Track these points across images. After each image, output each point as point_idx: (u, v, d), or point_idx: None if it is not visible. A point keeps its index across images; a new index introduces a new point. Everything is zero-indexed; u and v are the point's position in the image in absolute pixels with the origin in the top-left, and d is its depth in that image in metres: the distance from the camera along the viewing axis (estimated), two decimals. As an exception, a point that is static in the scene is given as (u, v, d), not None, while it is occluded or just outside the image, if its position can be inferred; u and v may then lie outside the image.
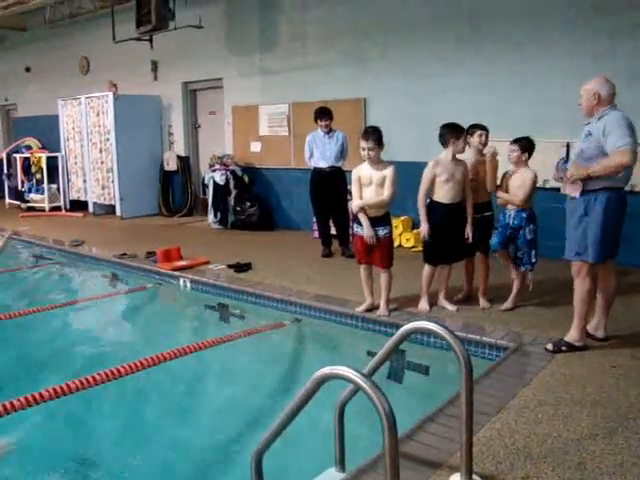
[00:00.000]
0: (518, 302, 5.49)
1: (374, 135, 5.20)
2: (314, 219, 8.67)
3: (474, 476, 2.82)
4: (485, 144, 5.50)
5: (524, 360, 4.33)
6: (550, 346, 4.47)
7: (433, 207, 5.40)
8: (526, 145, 5.31)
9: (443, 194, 5.32)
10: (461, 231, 5.42)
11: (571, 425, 3.37)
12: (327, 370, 2.34)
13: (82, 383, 4.32)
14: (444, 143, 5.32)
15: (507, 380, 4.01)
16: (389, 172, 5.22)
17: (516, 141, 5.34)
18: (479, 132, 5.46)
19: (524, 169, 5.32)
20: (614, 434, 3.26)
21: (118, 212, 11.94)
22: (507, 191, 5.39)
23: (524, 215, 5.33)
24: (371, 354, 4.63)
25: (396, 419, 2.13)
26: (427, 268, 5.50)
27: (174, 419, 4.13)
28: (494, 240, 5.45)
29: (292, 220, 10.19)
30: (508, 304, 5.44)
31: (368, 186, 5.28)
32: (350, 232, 7.83)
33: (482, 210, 5.53)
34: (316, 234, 8.69)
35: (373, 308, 5.46)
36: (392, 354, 2.92)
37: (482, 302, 5.54)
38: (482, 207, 5.53)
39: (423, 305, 5.48)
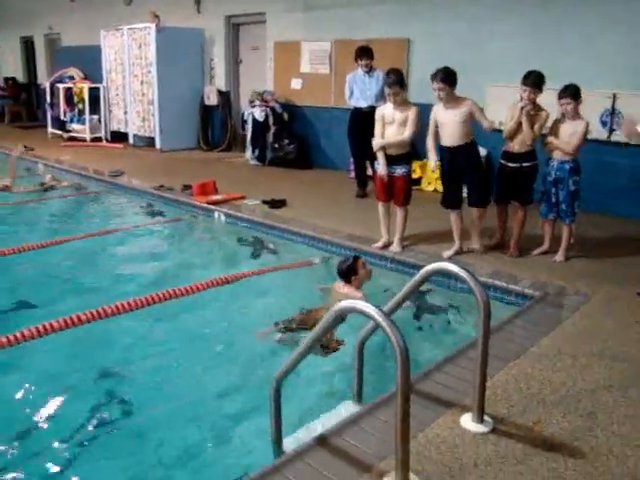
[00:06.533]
0: (568, 254, 5.45)
1: (396, 79, 5.36)
2: (351, 159, 8.67)
3: (485, 417, 2.90)
4: (530, 100, 5.29)
5: (548, 310, 4.37)
6: None
7: (440, 151, 5.52)
8: (576, 93, 5.21)
9: (445, 137, 5.41)
10: (470, 173, 5.47)
11: (587, 376, 3.41)
12: (346, 304, 2.43)
13: (117, 308, 4.53)
14: None
15: (529, 328, 4.05)
16: (412, 112, 5.40)
17: (565, 92, 5.22)
18: (523, 87, 5.34)
19: (577, 118, 5.25)
20: (629, 387, 3.29)
21: (158, 145, 12.07)
22: (550, 148, 5.36)
23: (567, 167, 5.29)
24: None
25: (409, 355, 2.21)
26: (451, 215, 5.57)
27: (201, 345, 4.28)
28: (543, 209, 5.54)
29: (329, 159, 10.19)
30: (560, 257, 5.40)
31: (390, 125, 5.48)
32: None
33: (518, 160, 5.46)
34: (352, 174, 8.69)
35: (389, 245, 5.70)
36: (412, 294, 2.98)
37: (511, 250, 5.55)
38: (518, 157, 5.46)
39: (448, 251, 5.54)
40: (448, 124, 5.34)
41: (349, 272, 4.74)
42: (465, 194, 5.65)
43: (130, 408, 3.51)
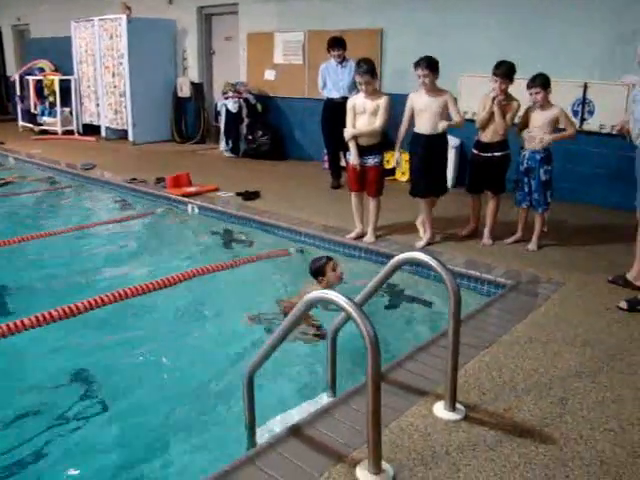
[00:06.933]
0: (541, 243, 5.50)
1: (367, 68, 5.37)
2: (325, 150, 8.67)
3: (457, 405, 2.93)
4: (502, 90, 5.35)
5: (521, 298, 4.41)
6: (624, 304, 4.18)
7: (414, 138, 5.55)
8: (545, 82, 5.23)
9: (422, 125, 5.44)
10: (439, 163, 5.54)
11: (558, 362, 3.46)
12: (317, 294, 2.44)
13: (90, 304, 4.49)
14: None
15: (501, 316, 4.10)
16: (383, 101, 5.41)
17: (534, 81, 5.25)
18: (494, 78, 5.37)
19: (548, 107, 5.28)
20: (599, 373, 3.35)
21: (130, 137, 11.96)
22: (527, 127, 5.39)
23: (538, 157, 5.33)
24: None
25: (379, 343, 2.22)
26: (422, 204, 5.61)
27: (175, 340, 4.26)
28: (517, 198, 5.58)
29: (304, 150, 10.19)
30: (533, 245, 5.45)
31: (361, 115, 5.48)
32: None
33: (490, 149, 5.51)
34: (327, 165, 8.71)
35: (362, 235, 5.71)
36: (383, 284, 2.99)
37: (485, 239, 5.60)
38: (490, 146, 5.51)
39: (420, 241, 5.59)
40: (426, 112, 5.37)
41: (317, 272, 4.73)
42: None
43: (104, 399, 3.51)
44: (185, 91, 11.91)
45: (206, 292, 5.09)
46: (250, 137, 10.25)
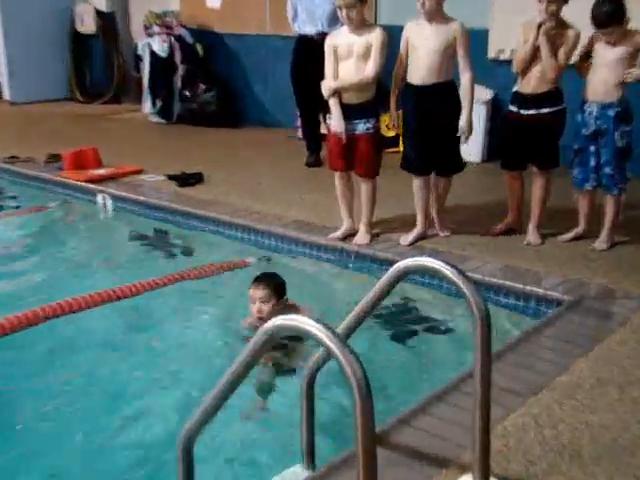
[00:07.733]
0: (614, 239, 5.56)
1: None
2: (298, 112, 8.71)
3: (492, 479, 2.94)
4: (551, 13, 5.25)
5: (585, 321, 4.45)
6: None
7: (405, 91, 5.64)
8: (619, 13, 5.11)
9: (413, 71, 5.50)
10: (444, 126, 5.57)
11: (642, 415, 3.49)
12: (279, 321, 2.44)
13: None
14: None
15: (557, 348, 4.13)
16: (376, 37, 5.37)
17: (601, 13, 5.10)
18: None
19: (625, 38, 5.22)
20: (703, 431, 3.38)
21: (6, 94, 12.02)
22: (587, 68, 5.40)
23: (611, 113, 5.31)
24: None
25: (371, 388, 2.25)
26: (415, 182, 5.70)
27: (94, 387, 4.28)
28: (578, 175, 5.58)
29: (267, 112, 10.26)
30: (602, 244, 5.50)
31: (347, 59, 5.49)
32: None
33: (535, 104, 5.50)
34: (300, 133, 8.75)
35: (352, 234, 5.77)
36: (379, 304, 3.01)
37: (530, 235, 5.66)
38: (535, 100, 5.51)
39: (407, 235, 5.72)
40: (422, 50, 5.39)
41: None
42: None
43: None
44: (88, 25, 11.89)
45: (126, 322, 5.10)
46: (188, 93, 10.30)
